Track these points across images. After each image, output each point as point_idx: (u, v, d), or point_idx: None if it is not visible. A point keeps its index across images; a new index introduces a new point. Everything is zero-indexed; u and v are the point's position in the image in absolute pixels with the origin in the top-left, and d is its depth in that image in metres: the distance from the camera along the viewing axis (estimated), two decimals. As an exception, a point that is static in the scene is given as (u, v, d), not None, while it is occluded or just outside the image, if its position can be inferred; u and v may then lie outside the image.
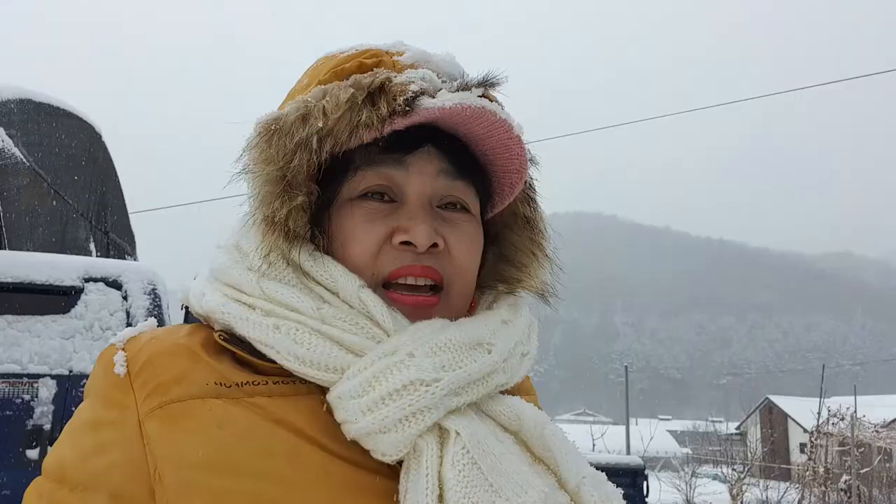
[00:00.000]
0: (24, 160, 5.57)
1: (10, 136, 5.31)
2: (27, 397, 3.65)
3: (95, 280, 4.10)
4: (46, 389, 3.71)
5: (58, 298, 4.00)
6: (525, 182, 0.80)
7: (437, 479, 0.60)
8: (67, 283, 4.00)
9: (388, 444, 0.62)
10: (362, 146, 0.71)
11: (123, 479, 0.64)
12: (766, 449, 25.43)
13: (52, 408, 3.68)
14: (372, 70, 0.73)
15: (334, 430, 0.65)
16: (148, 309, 4.07)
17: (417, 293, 0.73)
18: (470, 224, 0.77)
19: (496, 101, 0.75)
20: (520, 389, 0.85)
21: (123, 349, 0.71)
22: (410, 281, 0.72)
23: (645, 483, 5.36)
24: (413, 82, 0.69)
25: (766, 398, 42.39)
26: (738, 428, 37.18)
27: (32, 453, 3.54)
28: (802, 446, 22.09)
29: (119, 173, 8.08)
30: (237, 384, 0.67)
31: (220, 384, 0.67)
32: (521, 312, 0.80)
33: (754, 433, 32.45)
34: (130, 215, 8.75)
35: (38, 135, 5.92)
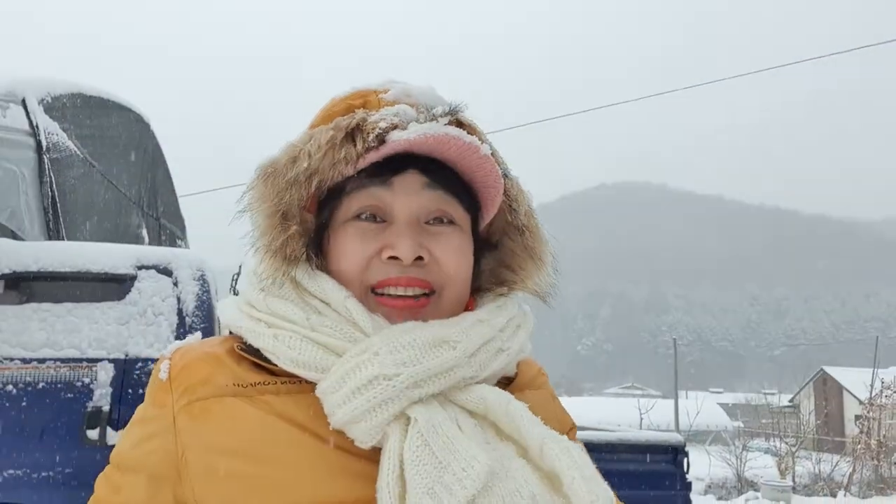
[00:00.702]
0: (78, 152, 5.81)
1: (64, 129, 5.53)
2: (87, 380, 3.86)
3: (147, 268, 4.27)
4: (105, 373, 3.91)
5: (113, 286, 4.19)
6: (506, 194, 0.89)
7: (398, 460, 0.71)
8: (122, 271, 4.19)
9: (361, 432, 0.74)
10: (353, 175, 0.82)
11: (159, 462, 0.79)
12: (819, 421, 24.92)
13: (109, 390, 3.88)
14: (355, 112, 0.83)
15: (329, 422, 0.77)
16: (197, 294, 4.24)
17: (406, 297, 0.83)
18: (455, 234, 0.86)
19: (468, 124, 0.85)
20: (529, 385, 0.95)
21: (169, 359, 0.87)
22: (400, 291, 0.82)
23: (686, 460, 5.36)
24: (383, 119, 0.80)
25: (821, 369, 41.41)
26: (791, 400, 36.47)
27: (93, 433, 3.74)
28: (857, 418, 21.64)
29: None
30: (251, 384, 0.81)
31: (238, 385, 0.81)
32: (505, 312, 0.88)
33: (808, 406, 31.83)
34: (180, 198, 9.03)
35: (90, 127, 6.14)
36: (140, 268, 4.25)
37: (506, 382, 0.91)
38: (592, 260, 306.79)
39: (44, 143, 5.19)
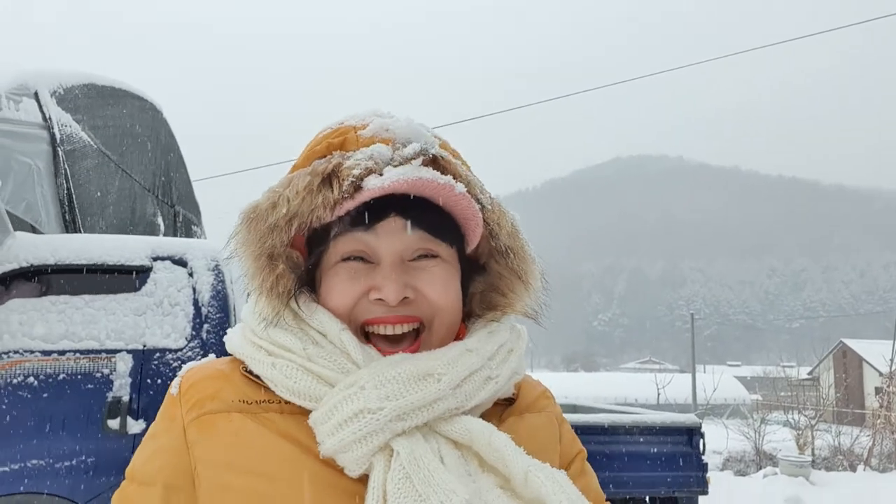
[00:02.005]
0: (92, 143, 5.84)
1: (77, 120, 5.56)
2: (106, 371, 3.91)
3: (162, 259, 4.31)
4: (123, 363, 3.96)
5: (129, 278, 4.22)
6: (487, 222, 0.90)
7: (382, 491, 0.74)
8: (137, 262, 4.22)
9: (349, 461, 0.77)
10: (338, 218, 0.85)
11: (174, 473, 0.83)
12: (838, 394, 24.80)
13: (129, 380, 3.93)
14: (332, 153, 0.86)
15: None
16: (212, 284, 4.27)
17: (399, 345, 0.86)
18: (440, 267, 0.88)
19: (443, 161, 0.86)
20: (529, 408, 0.95)
21: (181, 377, 0.91)
22: (390, 330, 0.86)
23: (701, 441, 5.37)
24: (357, 165, 0.82)
25: (841, 341, 41.18)
26: (810, 373, 36.29)
27: (113, 423, 3.80)
28: (878, 390, 21.51)
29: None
30: (256, 402, 0.84)
31: (243, 401, 0.84)
32: (495, 339, 0.89)
33: (827, 378, 31.65)
34: (194, 183, 9.08)
35: (103, 117, 6.17)
36: (155, 259, 4.28)
37: (506, 404, 0.92)
38: (607, 235, 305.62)
39: (57, 136, 5.23)
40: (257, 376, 0.86)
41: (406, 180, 0.81)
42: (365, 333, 0.86)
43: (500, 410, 0.90)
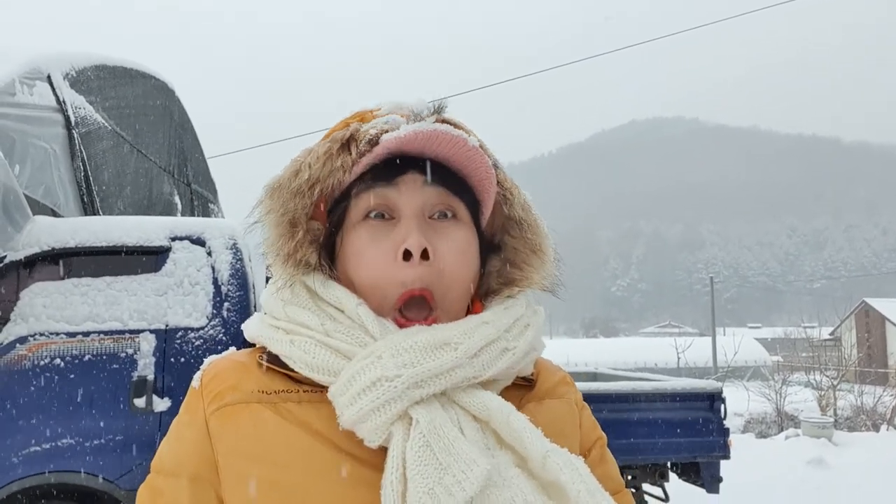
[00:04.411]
0: (106, 124, 5.86)
1: (90, 102, 5.57)
2: (130, 351, 3.97)
3: (181, 239, 4.34)
4: (147, 343, 4.02)
5: (149, 258, 4.27)
6: (501, 185, 0.92)
7: (401, 459, 0.75)
8: (156, 243, 4.26)
9: (368, 431, 0.77)
10: (359, 179, 0.87)
11: (198, 464, 0.84)
12: (861, 354, 24.65)
13: (153, 359, 3.99)
14: (349, 125, 0.89)
15: (345, 432, 0.81)
16: (231, 263, 4.30)
17: (413, 312, 0.86)
18: (459, 229, 0.89)
19: (454, 122, 0.89)
20: (550, 394, 0.96)
21: (202, 370, 0.92)
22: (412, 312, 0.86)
23: (723, 406, 5.36)
24: (374, 127, 0.85)
25: (863, 301, 40.84)
26: (831, 333, 36.08)
27: (140, 402, 3.87)
28: (900, 350, 21.36)
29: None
30: (275, 392, 0.85)
31: (263, 392, 0.85)
32: (511, 312, 0.89)
33: (849, 338, 31.49)
34: (209, 160, 9.09)
35: (116, 98, 6.18)
36: (174, 239, 4.32)
37: (525, 389, 0.92)
38: (624, 199, 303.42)
39: (72, 118, 5.25)
40: (278, 361, 0.87)
41: (421, 132, 0.82)
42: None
43: (520, 396, 0.90)
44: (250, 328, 0.94)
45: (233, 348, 0.99)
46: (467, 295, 0.90)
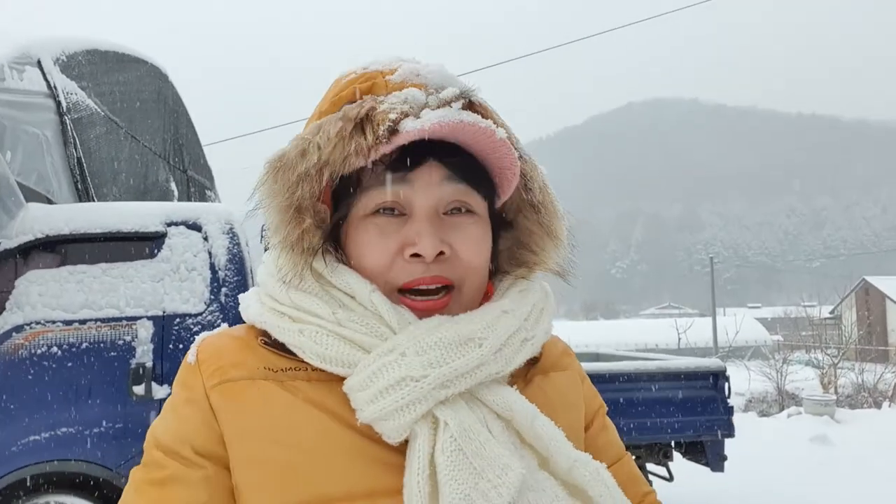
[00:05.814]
0: (99, 110, 5.77)
1: (82, 88, 5.49)
2: (128, 338, 3.93)
3: (177, 224, 4.28)
4: (144, 330, 3.97)
5: (145, 244, 4.21)
6: (522, 174, 0.86)
7: (427, 461, 0.71)
8: (152, 229, 4.21)
9: (389, 429, 0.73)
10: (369, 167, 0.79)
11: (201, 436, 0.78)
12: (861, 332, 24.67)
13: (151, 346, 3.95)
14: (363, 97, 0.80)
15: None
16: (227, 248, 4.25)
17: (428, 297, 0.81)
18: (475, 225, 0.83)
19: (481, 106, 0.81)
20: (554, 366, 0.94)
21: (197, 346, 0.86)
22: (423, 287, 0.81)
23: (727, 384, 5.34)
24: (393, 109, 0.76)
25: (863, 279, 40.85)
26: (832, 312, 36.10)
27: (139, 388, 3.84)
28: (901, 327, 21.36)
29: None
30: (282, 369, 0.80)
31: (269, 369, 0.80)
32: (529, 298, 0.87)
33: (850, 317, 31.50)
34: (205, 148, 9.01)
35: (108, 83, 6.09)
36: (169, 224, 4.26)
37: (531, 363, 0.89)
38: (623, 181, 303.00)
39: (63, 104, 5.16)
40: (280, 346, 0.81)
41: (447, 123, 0.75)
42: (395, 297, 0.82)
43: (525, 370, 0.88)
44: (250, 311, 0.88)
45: (224, 325, 0.94)
46: (484, 282, 0.87)
